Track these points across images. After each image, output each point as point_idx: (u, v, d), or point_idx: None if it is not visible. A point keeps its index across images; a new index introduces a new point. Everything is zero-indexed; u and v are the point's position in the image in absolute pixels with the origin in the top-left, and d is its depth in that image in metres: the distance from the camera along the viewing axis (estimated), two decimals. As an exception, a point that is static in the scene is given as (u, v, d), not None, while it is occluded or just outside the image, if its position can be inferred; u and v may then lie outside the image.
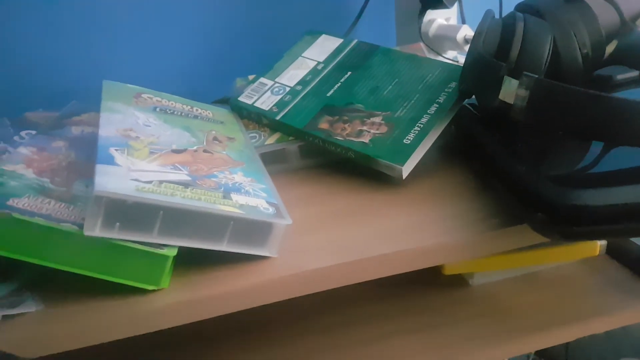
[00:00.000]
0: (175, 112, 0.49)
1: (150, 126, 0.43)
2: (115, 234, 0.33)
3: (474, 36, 0.45)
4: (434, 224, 0.41)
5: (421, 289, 0.52)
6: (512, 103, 0.37)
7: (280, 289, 0.37)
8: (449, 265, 0.51)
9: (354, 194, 0.46)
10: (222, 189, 0.38)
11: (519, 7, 0.48)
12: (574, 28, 0.44)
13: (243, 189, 0.39)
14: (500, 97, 0.38)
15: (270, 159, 0.51)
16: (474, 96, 0.48)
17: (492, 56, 0.42)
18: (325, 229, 0.41)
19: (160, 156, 0.39)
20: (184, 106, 0.51)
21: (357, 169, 0.48)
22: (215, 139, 0.46)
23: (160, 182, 0.35)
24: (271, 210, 0.38)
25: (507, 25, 0.42)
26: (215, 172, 0.40)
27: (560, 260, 0.53)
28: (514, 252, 0.50)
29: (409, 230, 0.40)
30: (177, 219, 0.34)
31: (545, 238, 0.36)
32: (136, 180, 0.34)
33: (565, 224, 0.33)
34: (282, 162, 0.52)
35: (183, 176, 0.37)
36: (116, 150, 0.36)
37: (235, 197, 0.37)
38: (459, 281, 0.52)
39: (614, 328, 0.48)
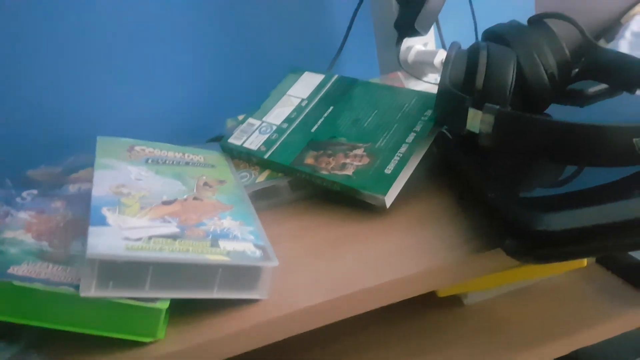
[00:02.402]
0: (167, 162, 0.51)
1: (141, 180, 0.45)
2: (109, 293, 0.35)
3: (443, 67, 0.47)
4: (419, 251, 0.42)
5: (416, 311, 0.53)
6: (478, 132, 0.39)
7: (272, 330, 0.38)
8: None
9: (342, 225, 0.48)
10: (210, 236, 0.40)
11: (485, 35, 0.49)
12: (537, 50, 0.46)
13: (231, 234, 0.41)
14: (467, 127, 0.40)
15: (262, 195, 0.53)
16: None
17: (459, 87, 0.43)
18: (314, 263, 0.43)
19: (151, 210, 0.41)
20: (176, 154, 0.53)
21: (345, 199, 0.50)
22: (205, 184, 0.49)
23: (150, 237, 0.37)
24: (258, 253, 0.39)
25: (472, 56, 0.44)
26: (204, 220, 0.42)
27: (550, 273, 0.54)
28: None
29: (395, 259, 0.42)
30: (166, 272, 0.36)
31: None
32: (126, 238, 0.36)
33: (536, 248, 0.34)
34: (274, 197, 0.54)
35: (172, 228, 0.39)
36: (108, 209, 0.39)
37: (223, 244, 0.39)
38: (454, 301, 0.53)
39: (610, 337, 0.49)
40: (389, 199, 0.47)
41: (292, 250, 0.45)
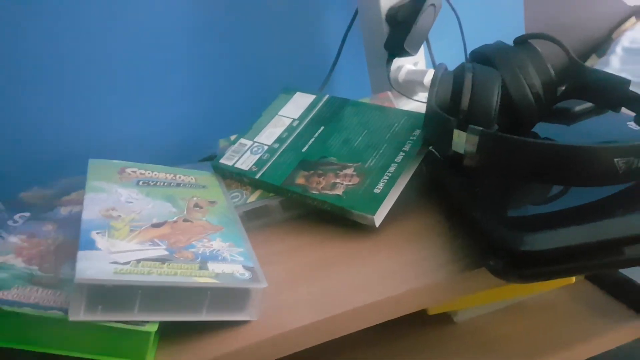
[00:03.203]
0: (158, 183, 0.52)
1: (132, 202, 0.46)
2: (98, 317, 0.35)
3: (429, 89, 0.48)
4: (407, 270, 0.42)
5: (406, 329, 0.53)
6: (463, 153, 0.39)
7: (261, 352, 0.39)
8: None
9: (332, 244, 0.48)
10: (199, 259, 0.40)
11: (471, 56, 0.50)
12: (522, 71, 0.47)
13: (220, 255, 0.41)
14: (453, 147, 0.40)
15: (254, 215, 0.54)
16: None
17: (446, 108, 0.44)
18: (304, 283, 0.43)
19: (140, 233, 0.41)
20: (167, 175, 0.54)
21: (335, 218, 0.51)
22: (196, 205, 0.49)
23: (138, 260, 0.37)
24: (247, 275, 0.40)
25: (457, 77, 0.45)
26: (193, 242, 0.42)
27: (539, 290, 0.54)
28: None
29: (384, 278, 0.42)
30: (155, 295, 0.36)
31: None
32: (115, 262, 0.36)
33: (520, 268, 0.35)
34: (265, 217, 0.54)
35: (161, 251, 0.40)
36: (97, 233, 0.39)
37: (212, 266, 0.39)
38: (444, 319, 0.54)
39: (600, 352, 0.49)
40: (378, 218, 0.48)
41: (283, 271, 0.45)
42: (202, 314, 0.38)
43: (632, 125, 0.48)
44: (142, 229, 0.42)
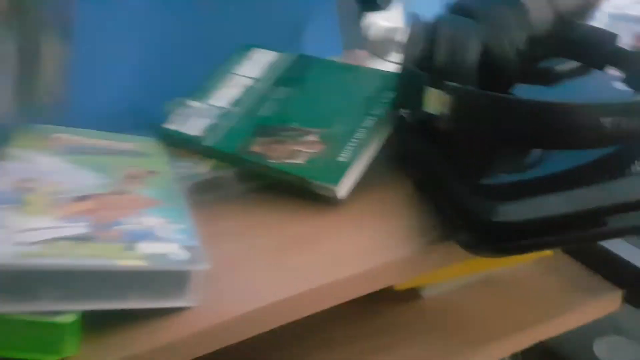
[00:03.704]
0: (91, 151, 0.45)
1: (56, 172, 0.39)
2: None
3: (402, 44, 0.42)
4: (373, 245, 0.38)
5: (370, 307, 0.49)
6: (437, 114, 0.34)
7: (203, 341, 0.34)
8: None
9: (292, 220, 0.43)
10: (127, 238, 0.34)
11: (449, 8, 0.45)
12: (505, 25, 0.41)
13: (153, 234, 0.36)
14: (425, 108, 0.35)
15: (205, 188, 0.48)
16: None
17: (419, 64, 0.39)
18: (259, 264, 0.38)
19: (59, 207, 0.35)
20: (103, 142, 0.47)
21: (297, 191, 0.45)
22: (131, 176, 0.43)
23: (52, 240, 0.31)
24: (184, 255, 0.34)
25: (432, 31, 0.39)
26: (121, 219, 0.36)
27: (514, 264, 0.50)
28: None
29: (347, 255, 0.38)
30: (69, 281, 0.31)
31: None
32: (19, 243, 0.30)
33: (493, 242, 0.30)
34: (218, 190, 0.49)
35: (81, 229, 0.34)
36: (4, 208, 0.33)
37: (142, 246, 0.34)
38: (411, 294, 0.50)
39: (576, 327, 0.46)
40: (342, 189, 0.43)
41: (236, 250, 0.40)
42: (128, 301, 0.32)
43: (618, 85, 0.44)
44: (62, 203, 0.36)
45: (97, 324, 0.34)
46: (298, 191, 0.45)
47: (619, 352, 0.67)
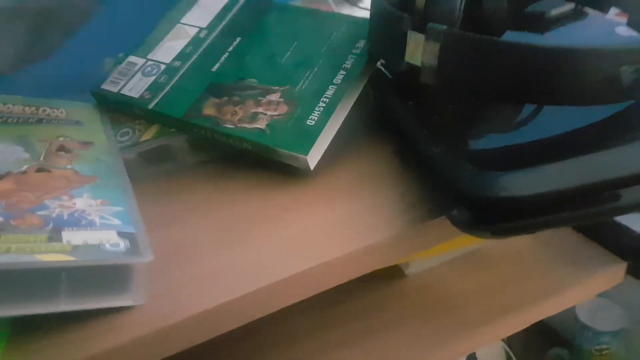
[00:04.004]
0: (10, 119, 0.37)
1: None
2: None
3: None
4: (351, 225, 0.33)
5: (350, 287, 0.44)
6: (420, 65, 0.28)
7: (152, 346, 0.28)
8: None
9: (254, 196, 0.37)
10: (51, 225, 0.28)
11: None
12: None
13: (85, 219, 0.29)
14: (407, 58, 0.29)
15: (150, 159, 0.41)
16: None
17: (397, 6, 0.32)
18: (216, 251, 0.33)
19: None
20: (26, 108, 0.39)
21: (259, 161, 0.39)
22: (61, 148, 0.36)
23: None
24: (122, 245, 0.28)
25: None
26: (46, 201, 0.30)
27: (505, 235, 0.47)
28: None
29: (321, 237, 0.33)
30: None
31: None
32: None
33: (493, 222, 0.26)
34: (166, 161, 0.42)
35: (-11, 219, 0.27)
36: None
37: (69, 235, 0.27)
38: (394, 272, 0.46)
39: (576, 304, 0.43)
40: (313, 159, 0.37)
41: (188, 234, 0.34)
42: (59, 304, 0.26)
43: (622, 31, 0.39)
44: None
45: (22, 330, 0.28)
46: (259, 161, 0.39)
47: (601, 314, 0.67)
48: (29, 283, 0.26)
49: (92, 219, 0.30)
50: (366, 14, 0.56)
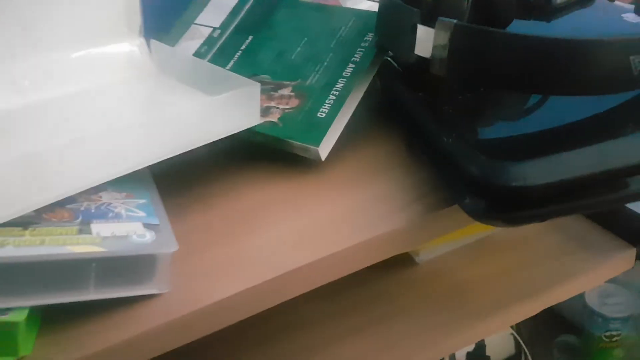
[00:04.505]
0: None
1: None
2: None
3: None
4: (362, 214, 0.34)
5: (362, 275, 0.45)
6: (430, 57, 0.30)
7: (176, 333, 0.30)
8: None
9: (266, 186, 0.39)
10: (80, 218, 0.30)
11: None
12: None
13: (112, 212, 0.31)
14: (416, 51, 0.30)
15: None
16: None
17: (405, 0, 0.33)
18: (231, 240, 0.34)
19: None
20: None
21: (270, 152, 0.40)
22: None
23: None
24: (148, 236, 0.30)
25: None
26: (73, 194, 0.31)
27: (514, 222, 0.48)
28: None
29: (334, 227, 0.34)
30: (14, 274, 0.26)
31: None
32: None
33: (507, 210, 0.27)
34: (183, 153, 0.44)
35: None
36: None
37: (98, 228, 0.29)
38: (404, 260, 0.47)
39: (585, 290, 0.44)
40: (324, 150, 0.38)
41: (202, 224, 0.36)
42: (88, 293, 0.28)
43: (629, 17, 0.39)
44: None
45: (54, 318, 0.30)
46: (271, 153, 0.40)
47: (610, 300, 0.68)
48: (60, 273, 0.28)
49: (118, 211, 0.31)
50: (372, 6, 0.57)
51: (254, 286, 0.31)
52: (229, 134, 0.35)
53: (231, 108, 0.35)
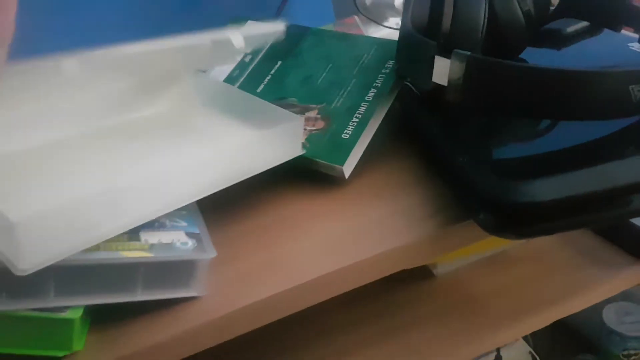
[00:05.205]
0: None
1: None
2: (4, 305, 0.28)
3: (403, 9, 0.40)
4: (383, 227, 0.37)
5: (383, 286, 0.48)
6: (447, 85, 0.33)
7: (212, 332, 0.33)
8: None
9: (293, 201, 0.41)
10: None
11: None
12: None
13: (157, 221, 0.34)
14: (434, 79, 0.33)
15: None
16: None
17: (423, 31, 0.37)
18: (262, 248, 0.37)
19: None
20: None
21: (297, 170, 0.44)
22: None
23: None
24: (190, 244, 0.33)
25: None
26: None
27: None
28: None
29: (356, 238, 0.36)
30: (74, 276, 0.30)
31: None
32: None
33: (518, 224, 0.29)
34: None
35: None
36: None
37: (146, 236, 0.33)
38: (423, 272, 0.49)
39: (594, 303, 0.45)
40: (348, 168, 0.41)
41: (236, 234, 0.39)
42: (136, 294, 0.31)
43: (634, 47, 0.42)
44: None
45: (100, 319, 0.33)
46: (297, 171, 0.43)
47: (628, 318, 0.68)
48: (112, 276, 0.31)
49: (163, 221, 0.34)
50: (392, 33, 0.60)
51: (283, 291, 0.33)
52: (273, 166, 0.38)
53: (277, 141, 0.37)
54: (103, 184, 0.30)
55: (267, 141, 0.37)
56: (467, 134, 0.36)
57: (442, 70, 0.32)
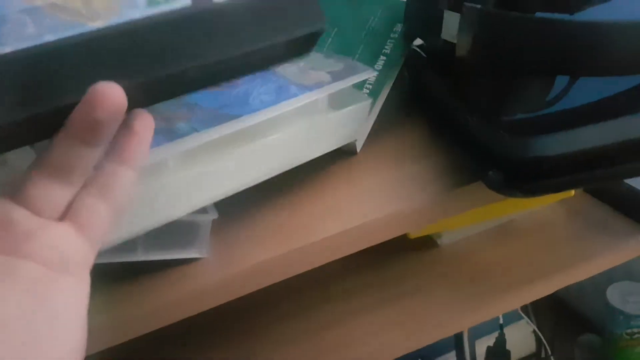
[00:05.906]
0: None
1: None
2: None
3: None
4: (389, 192, 0.36)
5: (386, 255, 0.48)
6: (456, 42, 0.31)
7: (216, 293, 0.33)
8: (413, 229, 0.47)
9: (301, 166, 0.41)
10: (133, 187, 0.32)
11: None
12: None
13: (159, 183, 0.34)
14: (443, 35, 0.32)
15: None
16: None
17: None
18: (267, 212, 0.37)
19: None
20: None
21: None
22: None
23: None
24: (193, 205, 0.32)
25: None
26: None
27: (533, 206, 0.49)
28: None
29: (362, 202, 0.36)
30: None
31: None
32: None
33: (525, 180, 0.28)
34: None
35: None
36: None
37: (148, 197, 0.32)
38: (427, 242, 0.49)
39: (600, 271, 0.45)
40: (359, 141, 0.40)
41: (241, 197, 0.38)
42: (137, 254, 0.31)
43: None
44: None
45: (108, 281, 0.32)
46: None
47: (632, 297, 0.67)
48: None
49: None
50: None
51: (288, 251, 0.33)
52: (336, 147, 0.36)
53: (345, 122, 0.35)
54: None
55: (338, 121, 0.35)
56: (477, 94, 0.35)
57: (452, 25, 0.31)
